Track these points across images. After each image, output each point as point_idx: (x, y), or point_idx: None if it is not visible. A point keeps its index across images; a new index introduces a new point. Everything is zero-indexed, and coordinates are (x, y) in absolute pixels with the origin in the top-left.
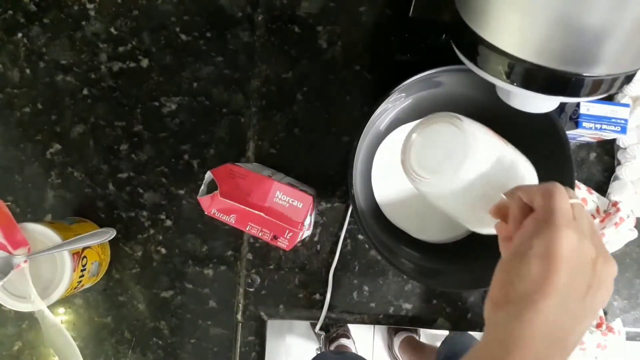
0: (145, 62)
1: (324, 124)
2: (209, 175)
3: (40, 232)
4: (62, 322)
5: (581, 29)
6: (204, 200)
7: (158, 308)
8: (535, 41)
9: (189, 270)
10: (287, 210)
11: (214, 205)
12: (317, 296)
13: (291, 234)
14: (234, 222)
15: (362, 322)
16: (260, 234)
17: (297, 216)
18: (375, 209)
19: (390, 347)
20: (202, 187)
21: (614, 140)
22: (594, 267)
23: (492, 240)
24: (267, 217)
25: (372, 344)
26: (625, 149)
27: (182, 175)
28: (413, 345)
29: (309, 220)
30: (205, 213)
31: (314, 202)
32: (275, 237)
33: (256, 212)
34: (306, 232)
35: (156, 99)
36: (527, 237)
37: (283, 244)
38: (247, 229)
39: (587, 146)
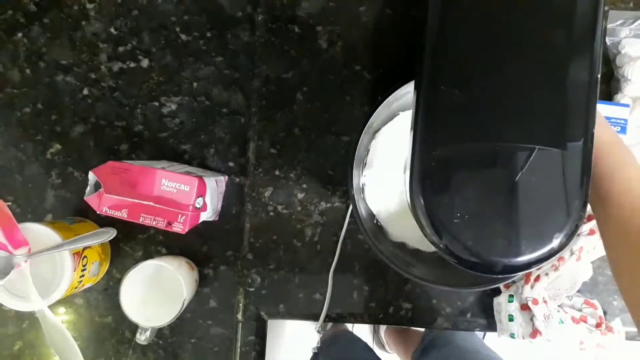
0: (145, 62)
1: (324, 124)
2: (91, 175)
3: (41, 232)
4: (62, 322)
5: None
6: (92, 200)
7: None
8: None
9: None
10: (175, 195)
11: (103, 204)
12: (317, 296)
13: (184, 217)
14: (126, 216)
15: (362, 321)
16: (154, 223)
17: (186, 199)
18: None
19: (376, 331)
20: (88, 188)
21: None
22: None
23: None
24: (156, 205)
25: (351, 326)
26: None
27: None
28: (398, 329)
29: (208, 202)
30: (97, 212)
31: (204, 184)
32: (169, 224)
33: (145, 202)
34: (207, 215)
35: (156, 99)
36: None
37: (178, 228)
38: (141, 220)
39: None
